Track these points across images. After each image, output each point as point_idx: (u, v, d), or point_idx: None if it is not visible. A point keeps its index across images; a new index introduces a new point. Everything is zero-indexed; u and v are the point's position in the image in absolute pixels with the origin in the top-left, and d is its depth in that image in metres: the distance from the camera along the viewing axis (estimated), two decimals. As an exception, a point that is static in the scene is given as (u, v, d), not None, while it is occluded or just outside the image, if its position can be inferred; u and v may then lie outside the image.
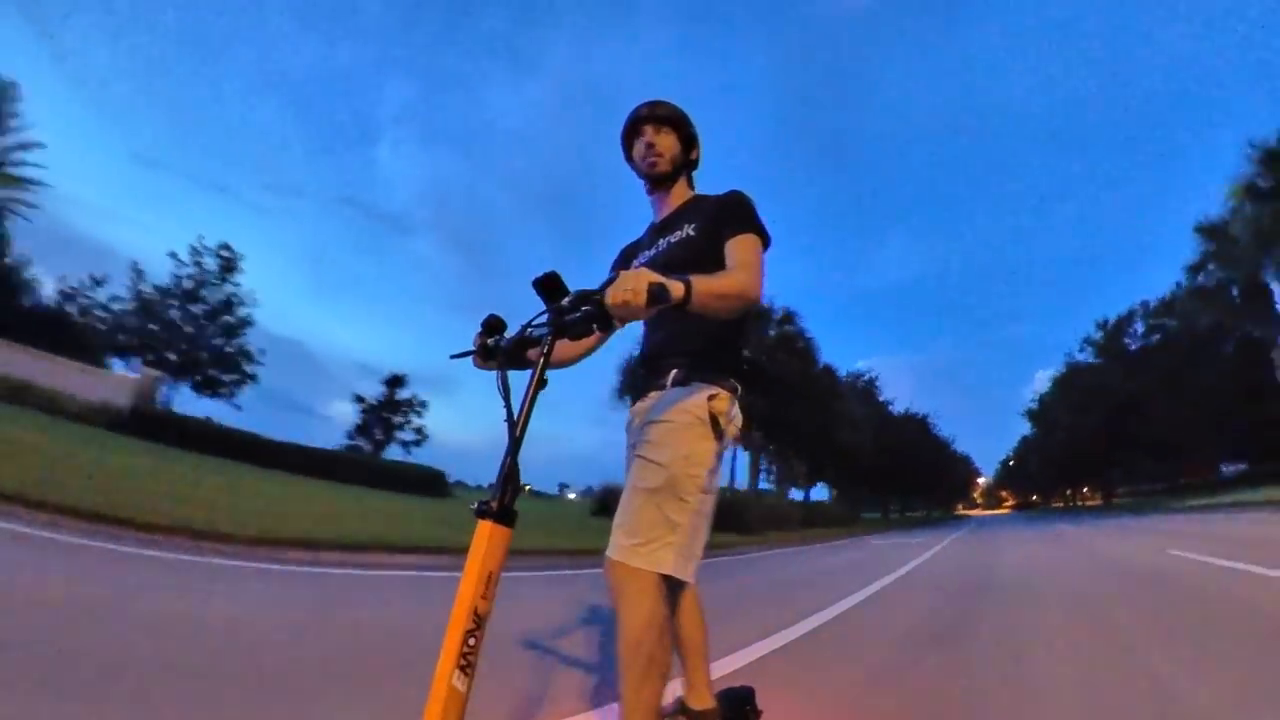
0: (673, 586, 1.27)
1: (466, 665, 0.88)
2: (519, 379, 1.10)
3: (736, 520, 16.04)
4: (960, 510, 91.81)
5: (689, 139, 1.53)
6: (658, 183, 1.52)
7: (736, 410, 1.37)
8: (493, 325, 1.22)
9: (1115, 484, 47.36)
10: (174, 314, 24.68)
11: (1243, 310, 22.13)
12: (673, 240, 1.45)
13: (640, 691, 1.16)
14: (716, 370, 1.36)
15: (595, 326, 1.05)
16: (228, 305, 25.69)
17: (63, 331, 23.18)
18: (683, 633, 1.45)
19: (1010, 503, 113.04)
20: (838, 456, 26.90)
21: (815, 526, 21.38)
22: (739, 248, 1.31)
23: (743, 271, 1.25)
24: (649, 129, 1.48)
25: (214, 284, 25.50)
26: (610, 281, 1.03)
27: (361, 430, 33.01)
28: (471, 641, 0.88)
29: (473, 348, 1.26)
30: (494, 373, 1.16)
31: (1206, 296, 22.63)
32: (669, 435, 1.28)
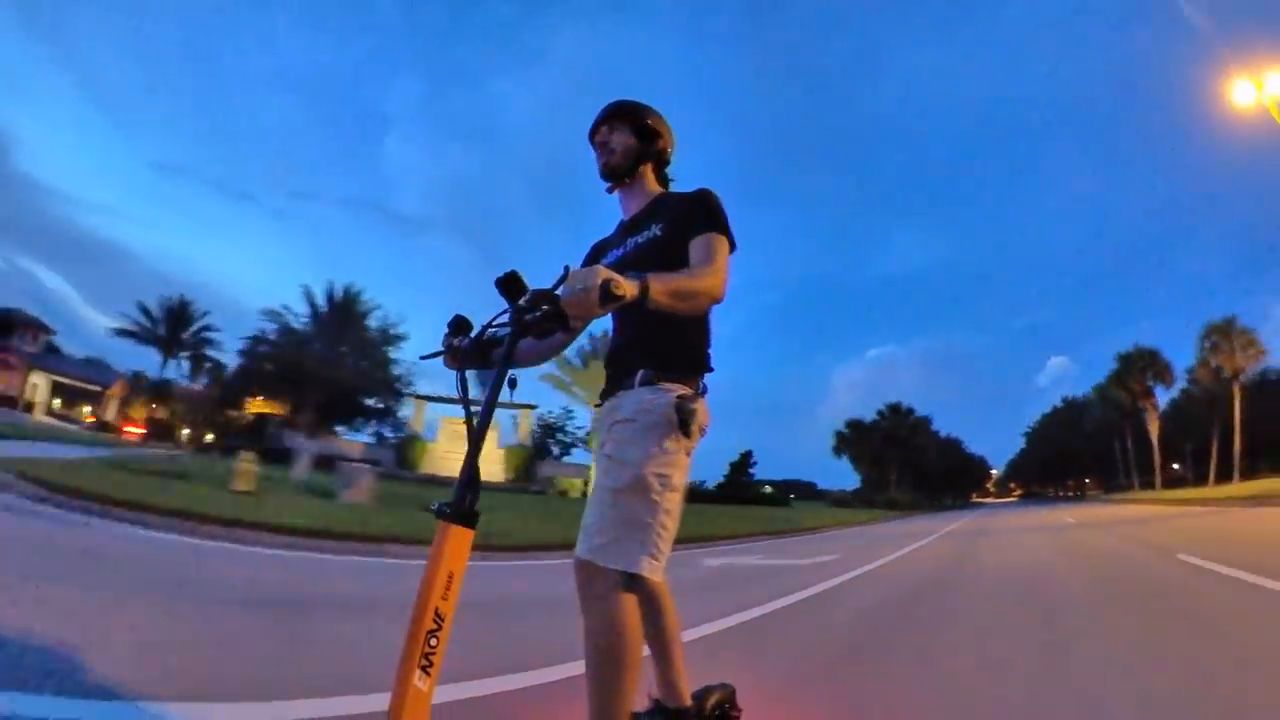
0: (642, 585, 1.28)
1: (428, 665, 0.90)
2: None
3: (894, 506, 40.05)
4: (975, 498, 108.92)
5: (647, 132, 1.51)
6: (614, 178, 1.53)
7: (704, 409, 1.36)
8: (459, 325, 1.26)
9: (1083, 483, 72.53)
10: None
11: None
12: (640, 240, 1.45)
13: (610, 693, 1.17)
14: (683, 369, 1.37)
15: (554, 325, 1.07)
16: None
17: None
18: (656, 631, 1.43)
19: (1018, 492, 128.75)
20: (920, 475, 52.58)
21: (914, 508, 45.13)
22: (702, 246, 1.32)
23: (704, 269, 1.26)
24: (603, 128, 1.51)
25: None
26: (563, 279, 1.05)
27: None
28: (433, 642, 0.90)
29: (442, 348, 1.29)
30: (455, 373, 1.21)
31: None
32: (636, 435, 1.29)
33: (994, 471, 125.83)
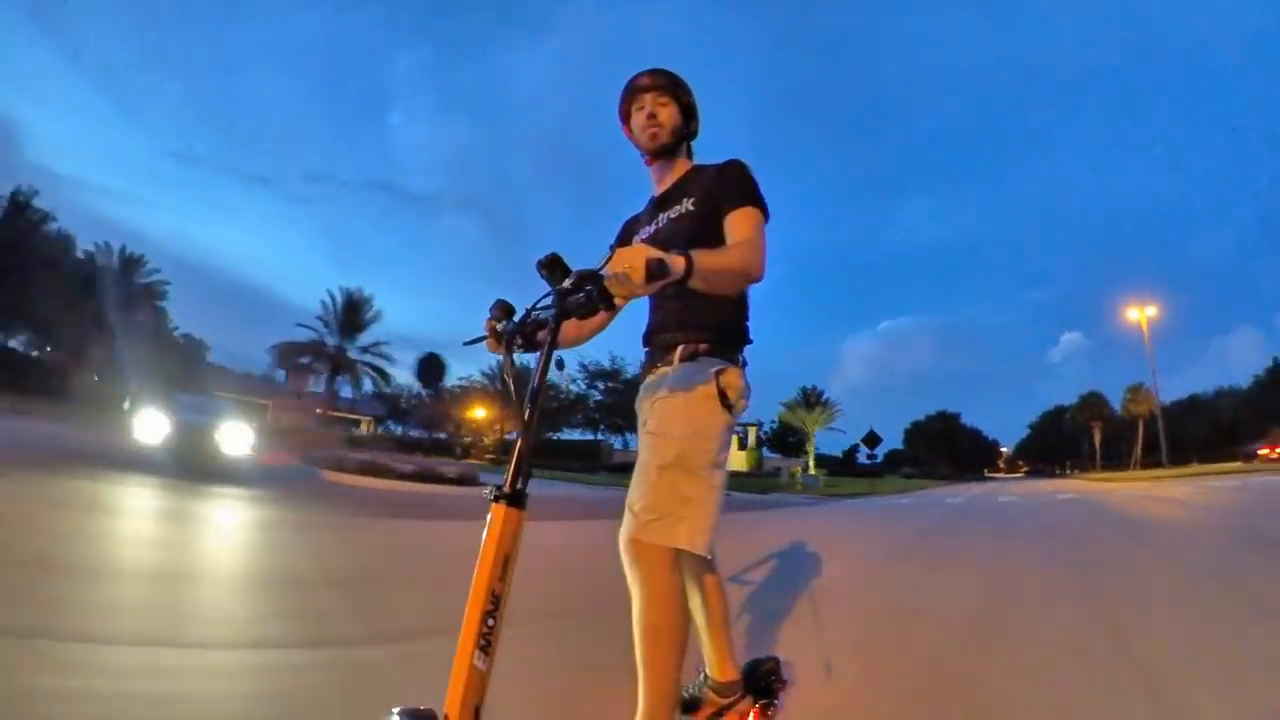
0: (689, 560, 1.32)
1: (486, 645, 0.94)
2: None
3: (944, 478, 63.68)
4: (989, 473, 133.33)
5: (688, 108, 1.52)
6: (658, 154, 1.52)
7: (744, 384, 1.39)
8: (502, 309, 1.26)
9: (1071, 464, 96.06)
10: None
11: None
12: (672, 215, 1.46)
13: (658, 666, 1.21)
14: (723, 345, 1.39)
15: (599, 305, 1.07)
16: None
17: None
18: (703, 605, 1.47)
19: (1025, 469, 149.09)
20: (952, 457, 76.32)
21: (953, 479, 68.41)
22: (739, 222, 1.33)
23: (744, 247, 1.27)
24: (648, 98, 1.48)
25: None
26: (609, 259, 1.04)
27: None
28: (490, 622, 0.94)
29: (484, 333, 1.30)
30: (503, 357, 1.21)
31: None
32: (679, 411, 1.32)
33: (1004, 450, 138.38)
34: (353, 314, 35.96)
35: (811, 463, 48.31)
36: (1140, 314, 38.74)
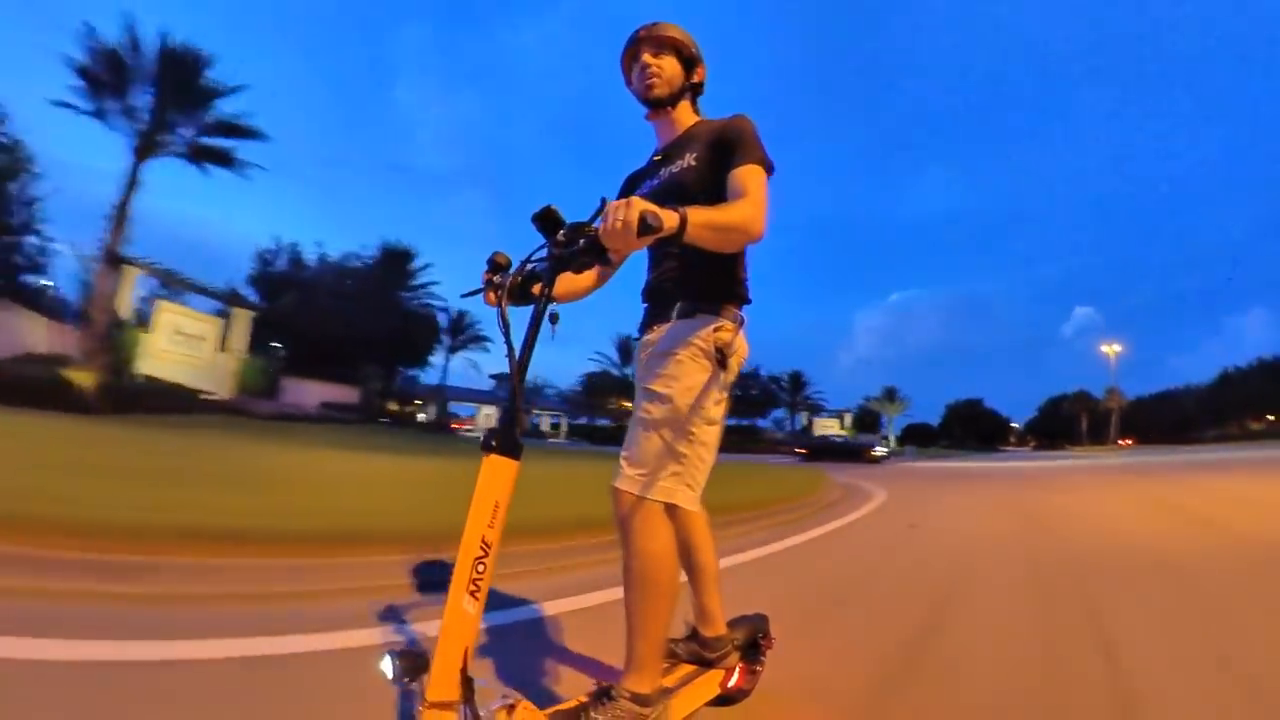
0: (680, 515, 1.32)
1: (476, 590, 0.96)
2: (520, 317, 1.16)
3: (970, 448, 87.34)
4: (999, 447, 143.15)
5: (690, 61, 1.50)
6: (656, 106, 1.51)
7: (741, 341, 1.40)
8: (498, 263, 1.26)
9: (1070, 441, 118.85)
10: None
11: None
12: (674, 170, 1.45)
13: (648, 619, 1.23)
14: (721, 302, 1.39)
15: (592, 259, 1.07)
16: None
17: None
18: (693, 560, 1.51)
19: (1033, 444, 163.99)
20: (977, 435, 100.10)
21: (969, 448, 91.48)
22: (741, 179, 1.30)
23: (744, 204, 1.24)
24: (647, 52, 1.47)
25: None
26: (601, 211, 1.04)
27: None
28: (480, 568, 0.96)
29: (481, 286, 1.30)
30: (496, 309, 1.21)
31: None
32: (674, 368, 1.33)
33: (1015, 425, 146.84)
34: (627, 350, 45.95)
35: (892, 439, 71.53)
36: (1109, 349, 61.01)
